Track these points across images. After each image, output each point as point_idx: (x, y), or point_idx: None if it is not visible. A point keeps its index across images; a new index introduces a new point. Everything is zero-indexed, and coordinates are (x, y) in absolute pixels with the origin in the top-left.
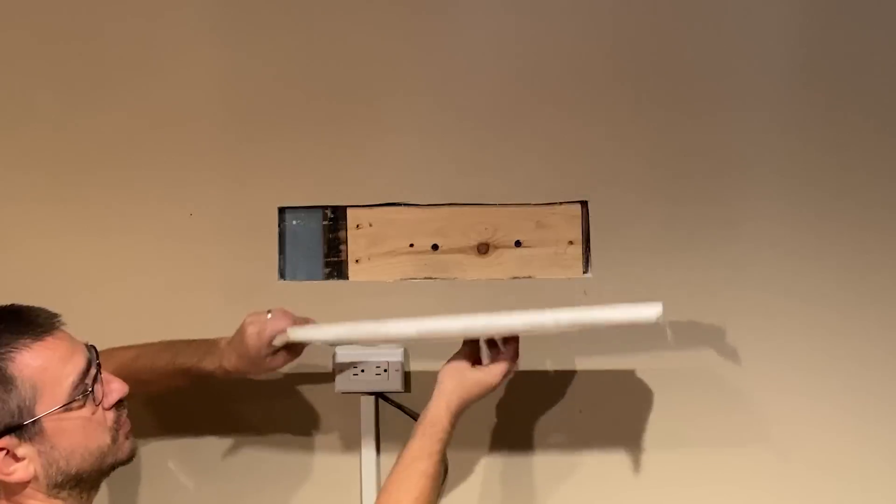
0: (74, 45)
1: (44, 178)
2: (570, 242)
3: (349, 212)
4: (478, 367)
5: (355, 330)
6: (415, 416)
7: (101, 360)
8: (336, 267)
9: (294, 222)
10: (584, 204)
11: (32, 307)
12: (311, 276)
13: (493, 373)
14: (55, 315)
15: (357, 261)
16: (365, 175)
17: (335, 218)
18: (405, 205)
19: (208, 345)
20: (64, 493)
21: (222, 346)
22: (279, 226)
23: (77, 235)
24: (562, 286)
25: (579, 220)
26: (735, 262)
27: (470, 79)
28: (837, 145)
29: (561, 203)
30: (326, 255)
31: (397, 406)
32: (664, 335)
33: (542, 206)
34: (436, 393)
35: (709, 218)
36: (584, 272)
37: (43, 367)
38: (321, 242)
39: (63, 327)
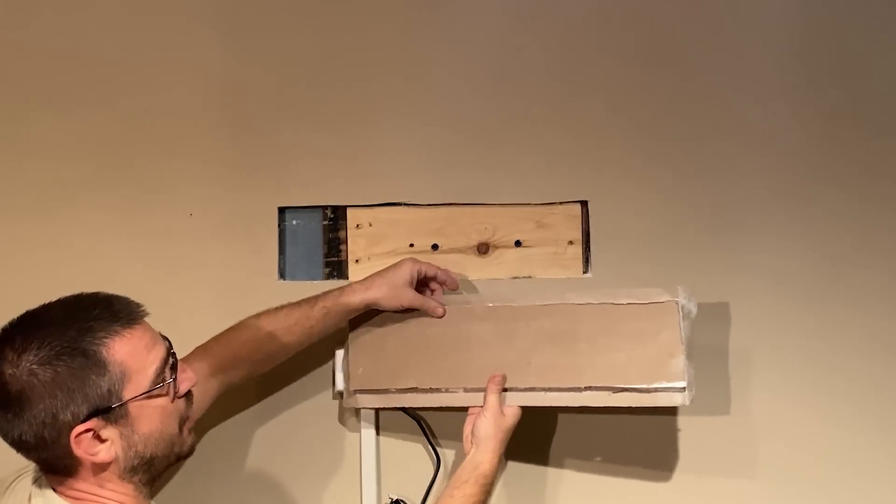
0: (74, 44)
1: (43, 178)
2: (570, 242)
3: (349, 212)
4: (502, 414)
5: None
6: (415, 417)
7: (229, 332)
8: (336, 267)
9: (294, 222)
10: (584, 204)
11: (120, 296)
12: (311, 276)
13: (514, 416)
14: (140, 305)
15: (357, 261)
16: (365, 175)
17: (335, 218)
18: (405, 205)
19: (342, 287)
20: (136, 478)
21: (356, 283)
22: (279, 226)
23: (77, 236)
24: (562, 286)
25: (579, 220)
26: (735, 262)
27: (470, 79)
28: (839, 144)
29: (561, 203)
30: (326, 255)
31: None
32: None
33: (542, 206)
34: (483, 446)
35: (709, 218)
36: (584, 272)
37: (131, 353)
38: (321, 242)
39: (146, 318)
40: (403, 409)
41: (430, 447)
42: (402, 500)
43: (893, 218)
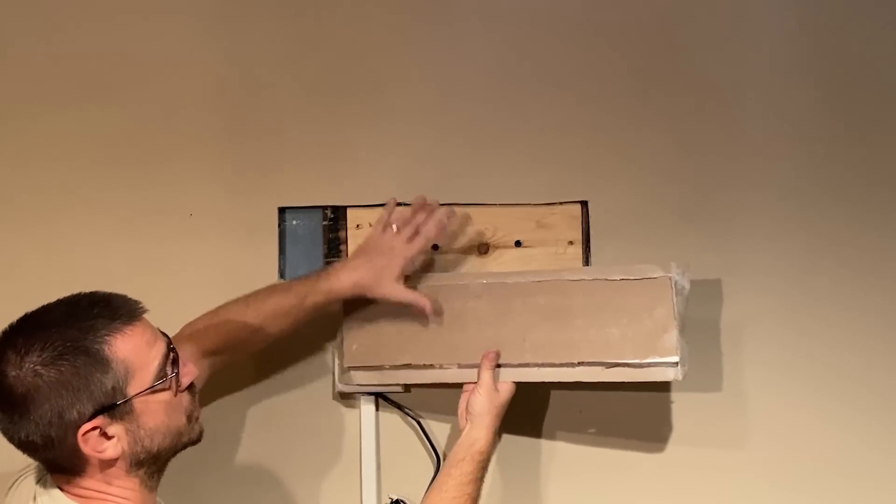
0: (74, 44)
1: (43, 178)
2: (570, 242)
3: (349, 212)
4: (496, 391)
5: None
6: (415, 416)
7: (212, 317)
8: None
9: (294, 222)
10: (584, 204)
11: (117, 294)
12: None
13: (508, 392)
14: (139, 302)
15: None
16: (365, 175)
17: (335, 218)
18: (405, 205)
19: (319, 271)
20: (142, 472)
21: (335, 266)
22: (279, 226)
23: (77, 236)
24: None
25: (579, 220)
26: (734, 263)
27: (470, 79)
28: (838, 145)
29: (561, 203)
30: (326, 255)
31: (397, 406)
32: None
33: (542, 206)
34: (478, 423)
35: (708, 218)
36: None
37: (134, 350)
38: (321, 242)
39: (145, 314)
40: (403, 409)
41: (429, 447)
42: (402, 501)
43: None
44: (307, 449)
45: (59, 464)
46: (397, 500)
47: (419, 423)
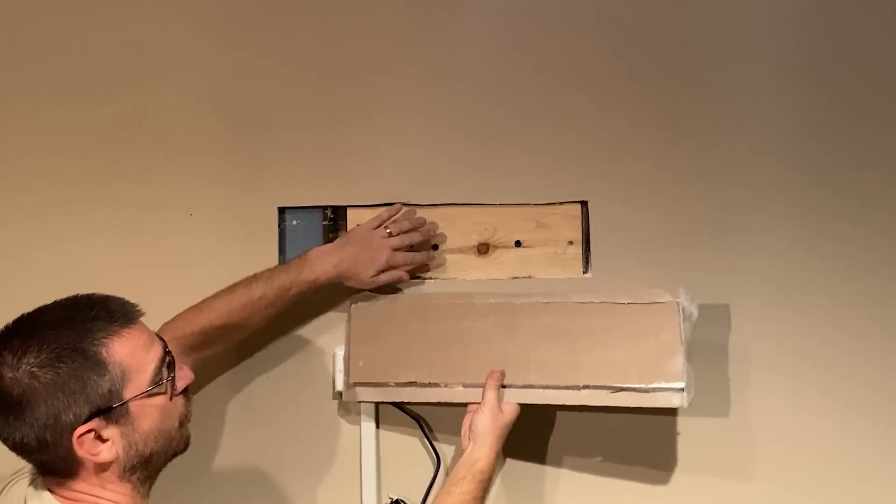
0: (74, 45)
1: (43, 179)
2: (570, 242)
3: (349, 212)
4: (500, 410)
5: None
6: (415, 416)
7: (195, 313)
8: None
9: (294, 222)
10: (584, 204)
11: (115, 297)
12: None
13: (512, 413)
14: (135, 305)
15: None
16: (365, 175)
17: (335, 218)
18: (405, 205)
19: (298, 260)
20: (134, 477)
21: (314, 255)
22: (279, 226)
23: (77, 236)
24: (562, 286)
25: (579, 220)
26: (734, 263)
27: (470, 79)
28: (838, 144)
29: (561, 203)
30: None
31: (397, 406)
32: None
33: (542, 206)
34: (481, 442)
35: (708, 218)
36: (583, 272)
37: (131, 353)
38: (321, 242)
39: (141, 318)
40: (403, 409)
41: (429, 447)
42: (402, 500)
43: (892, 220)
44: (307, 449)
45: (53, 466)
46: (397, 500)
47: (419, 422)
